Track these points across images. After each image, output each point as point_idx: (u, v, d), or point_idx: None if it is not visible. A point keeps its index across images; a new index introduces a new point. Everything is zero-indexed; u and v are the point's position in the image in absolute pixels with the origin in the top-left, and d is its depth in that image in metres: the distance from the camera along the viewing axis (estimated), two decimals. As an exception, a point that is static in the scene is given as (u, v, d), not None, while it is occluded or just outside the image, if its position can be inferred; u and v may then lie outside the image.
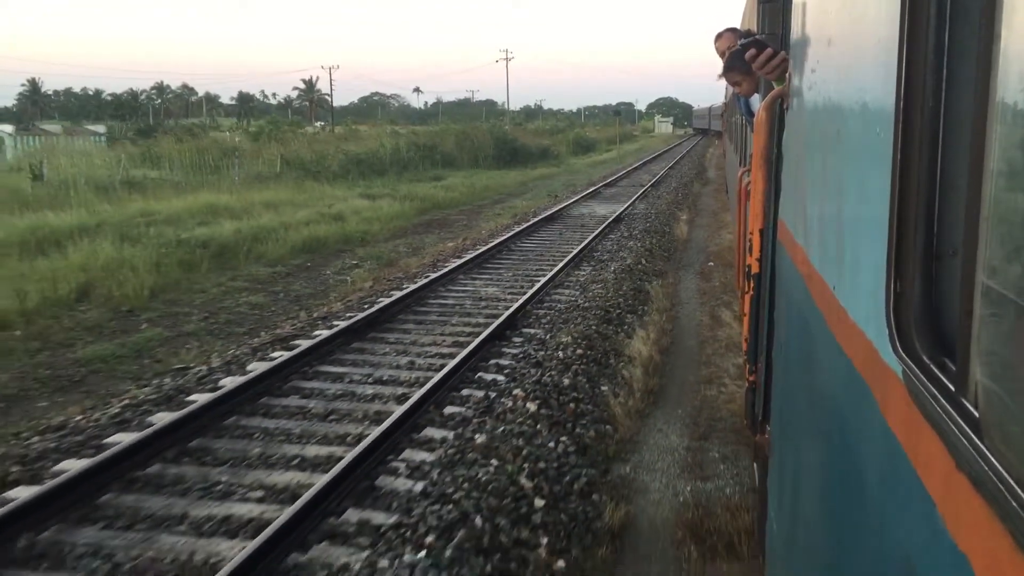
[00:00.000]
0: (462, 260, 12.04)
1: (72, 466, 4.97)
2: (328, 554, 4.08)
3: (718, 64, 4.45)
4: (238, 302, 10.57)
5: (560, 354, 7.31)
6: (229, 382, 6.52)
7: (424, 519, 4.32)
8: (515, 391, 6.34)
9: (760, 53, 3.22)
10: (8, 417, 6.43)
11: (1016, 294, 0.78)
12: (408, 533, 4.20)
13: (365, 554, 4.04)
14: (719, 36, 4.80)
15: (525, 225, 16.11)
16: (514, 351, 7.58)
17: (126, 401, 6.33)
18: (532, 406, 6.00)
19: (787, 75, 2.80)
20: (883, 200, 1.19)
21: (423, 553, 3.98)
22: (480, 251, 12.82)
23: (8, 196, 16.57)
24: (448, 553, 3.99)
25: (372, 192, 22.74)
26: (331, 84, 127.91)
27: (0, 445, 5.59)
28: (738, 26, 5.97)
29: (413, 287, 10.01)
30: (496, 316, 8.66)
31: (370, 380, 6.80)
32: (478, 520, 4.33)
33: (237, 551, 3.98)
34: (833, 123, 1.79)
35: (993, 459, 0.79)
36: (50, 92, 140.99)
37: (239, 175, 23.52)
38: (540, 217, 17.54)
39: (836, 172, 1.74)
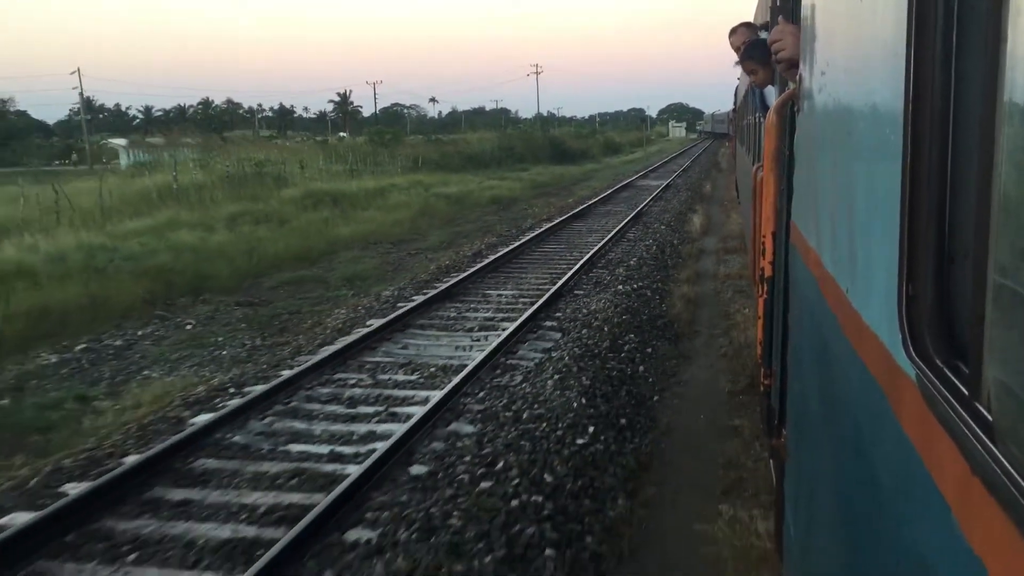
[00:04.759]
0: (592, 200, 22.77)
1: (504, 249, 15.58)
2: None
3: (730, 69, 5.55)
4: (491, 220, 21.20)
5: (665, 220, 18.08)
6: (544, 225, 17.15)
7: (636, 247, 15.00)
8: (654, 225, 17.09)
9: None
10: (456, 246, 17.15)
11: None
12: (623, 255, 14.91)
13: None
14: (734, 31, 4.90)
15: (612, 190, 26.86)
16: (644, 223, 18.25)
17: (490, 241, 17.07)
18: (663, 228, 16.79)
19: (798, 76, 2.76)
20: (894, 202, 1.18)
21: (643, 249, 14.69)
22: (597, 199, 23.56)
23: (297, 178, 27.49)
24: (652, 250, 14.63)
25: (494, 176, 33.45)
26: (375, 98, 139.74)
27: (473, 246, 16.23)
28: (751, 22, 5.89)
29: (579, 208, 20.70)
30: (628, 215, 19.30)
31: (597, 227, 17.51)
32: (655, 249, 15.04)
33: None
34: (843, 125, 1.77)
35: (1007, 463, 0.79)
36: (104, 106, 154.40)
37: (398, 166, 34.44)
38: (617, 186, 28.29)
39: (847, 174, 1.73)
